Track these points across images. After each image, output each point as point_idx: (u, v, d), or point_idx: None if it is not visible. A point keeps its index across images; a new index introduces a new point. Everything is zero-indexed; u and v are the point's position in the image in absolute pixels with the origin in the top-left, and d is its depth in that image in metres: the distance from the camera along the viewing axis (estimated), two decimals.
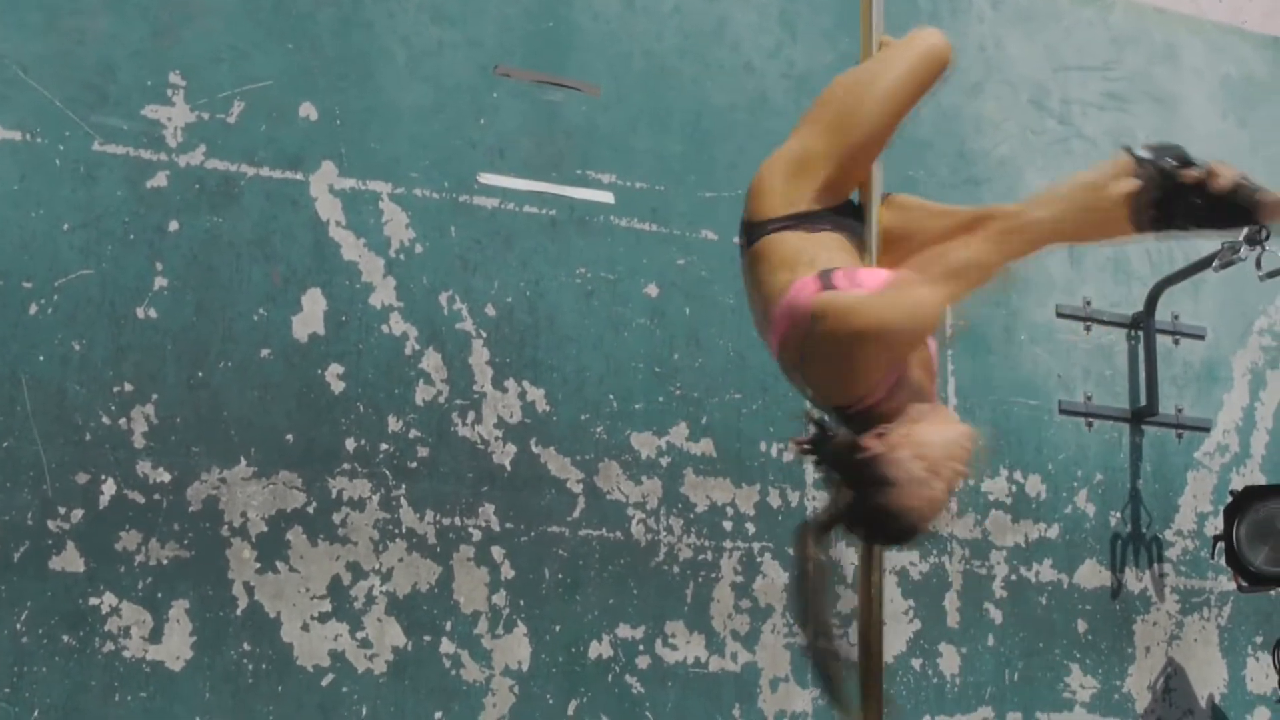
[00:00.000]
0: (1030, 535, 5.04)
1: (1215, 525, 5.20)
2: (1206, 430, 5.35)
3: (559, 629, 4.45)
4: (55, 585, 4.01)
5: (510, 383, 4.52)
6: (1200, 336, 5.41)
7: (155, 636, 4.07)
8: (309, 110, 4.47)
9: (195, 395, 4.21)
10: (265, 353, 4.30)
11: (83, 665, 4.00)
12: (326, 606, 4.24)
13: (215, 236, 4.31)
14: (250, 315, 4.31)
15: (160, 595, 4.09)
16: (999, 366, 5.11)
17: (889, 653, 4.73)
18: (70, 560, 4.03)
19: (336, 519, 4.29)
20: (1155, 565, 5.20)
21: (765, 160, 3.01)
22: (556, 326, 4.60)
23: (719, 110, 4.92)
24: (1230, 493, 5.03)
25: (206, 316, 4.26)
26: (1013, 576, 4.99)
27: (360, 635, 4.26)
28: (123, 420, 4.14)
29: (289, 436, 4.28)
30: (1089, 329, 5.27)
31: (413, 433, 4.40)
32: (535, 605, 4.43)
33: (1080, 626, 5.06)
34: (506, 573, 4.42)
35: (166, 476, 4.15)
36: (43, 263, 4.14)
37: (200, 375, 4.23)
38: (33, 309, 4.11)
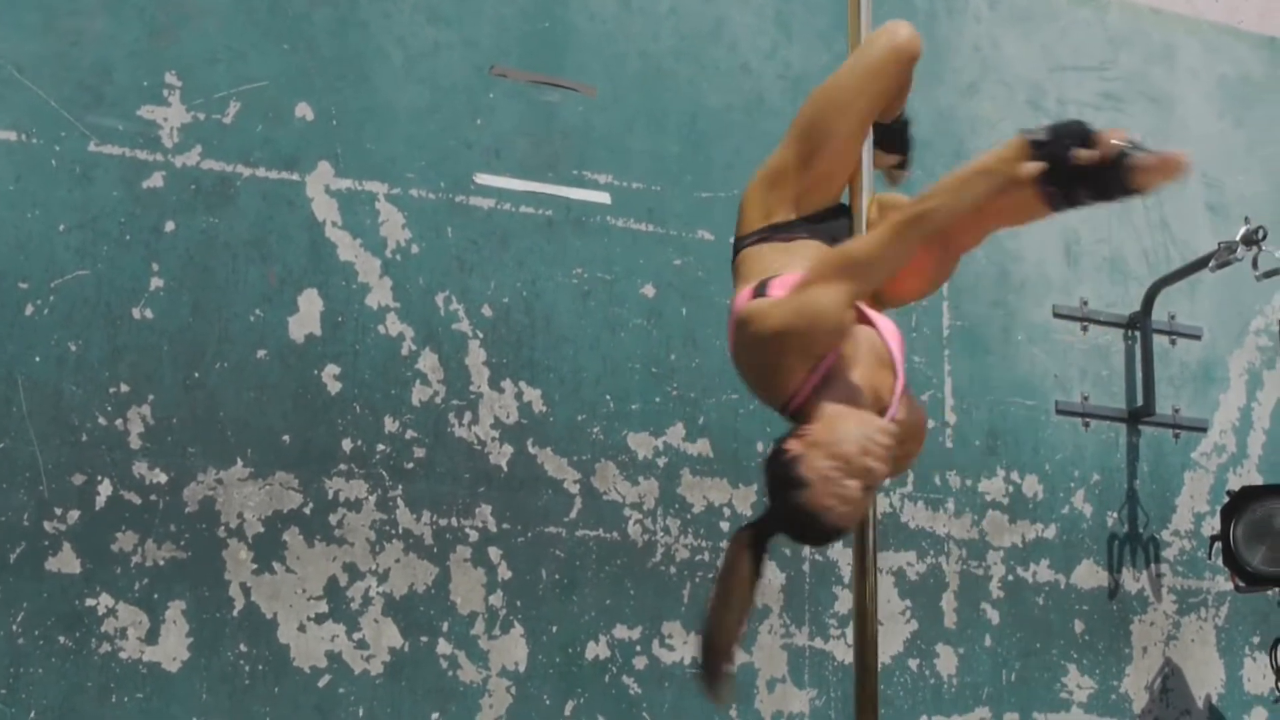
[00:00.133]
0: (1027, 535, 5.04)
1: (1212, 525, 5.20)
2: (1203, 430, 5.34)
3: (556, 629, 4.44)
4: (51, 586, 4.00)
5: (507, 383, 4.52)
6: (1197, 336, 5.40)
7: (152, 637, 4.07)
8: (305, 111, 4.46)
9: (191, 396, 4.21)
10: (261, 353, 4.30)
11: (79, 666, 4.00)
12: (323, 607, 4.24)
13: (211, 237, 4.31)
14: (246, 316, 4.30)
15: (157, 596, 4.09)
16: (996, 367, 5.10)
17: (886, 653, 4.73)
18: (66, 561, 4.03)
19: (333, 520, 4.29)
20: (1152, 565, 5.19)
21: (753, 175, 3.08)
22: (553, 327, 4.60)
23: (715, 111, 4.92)
24: (1227, 493, 5.02)
25: (203, 317, 4.26)
26: (1010, 577, 4.99)
27: (357, 636, 4.25)
28: (119, 421, 4.13)
29: (285, 437, 4.28)
30: (1086, 329, 5.27)
31: (409, 433, 4.40)
32: (532, 606, 4.43)
33: (1077, 627, 5.06)
34: (503, 573, 4.42)
35: (163, 477, 4.15)
36: (39, 263, 4.13)
37: (196, 376, 4.22)
38: (29, 309, 4.11)
